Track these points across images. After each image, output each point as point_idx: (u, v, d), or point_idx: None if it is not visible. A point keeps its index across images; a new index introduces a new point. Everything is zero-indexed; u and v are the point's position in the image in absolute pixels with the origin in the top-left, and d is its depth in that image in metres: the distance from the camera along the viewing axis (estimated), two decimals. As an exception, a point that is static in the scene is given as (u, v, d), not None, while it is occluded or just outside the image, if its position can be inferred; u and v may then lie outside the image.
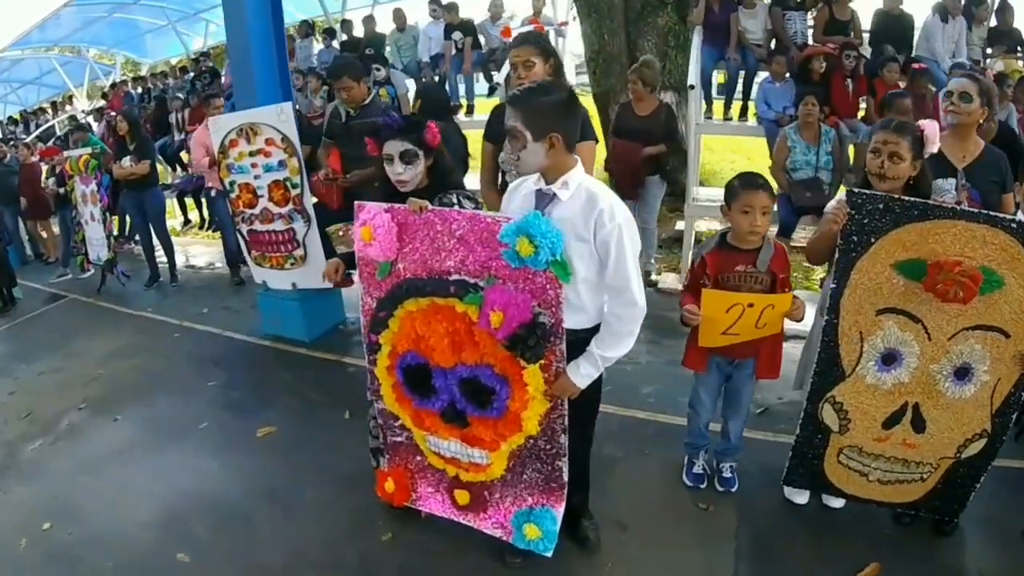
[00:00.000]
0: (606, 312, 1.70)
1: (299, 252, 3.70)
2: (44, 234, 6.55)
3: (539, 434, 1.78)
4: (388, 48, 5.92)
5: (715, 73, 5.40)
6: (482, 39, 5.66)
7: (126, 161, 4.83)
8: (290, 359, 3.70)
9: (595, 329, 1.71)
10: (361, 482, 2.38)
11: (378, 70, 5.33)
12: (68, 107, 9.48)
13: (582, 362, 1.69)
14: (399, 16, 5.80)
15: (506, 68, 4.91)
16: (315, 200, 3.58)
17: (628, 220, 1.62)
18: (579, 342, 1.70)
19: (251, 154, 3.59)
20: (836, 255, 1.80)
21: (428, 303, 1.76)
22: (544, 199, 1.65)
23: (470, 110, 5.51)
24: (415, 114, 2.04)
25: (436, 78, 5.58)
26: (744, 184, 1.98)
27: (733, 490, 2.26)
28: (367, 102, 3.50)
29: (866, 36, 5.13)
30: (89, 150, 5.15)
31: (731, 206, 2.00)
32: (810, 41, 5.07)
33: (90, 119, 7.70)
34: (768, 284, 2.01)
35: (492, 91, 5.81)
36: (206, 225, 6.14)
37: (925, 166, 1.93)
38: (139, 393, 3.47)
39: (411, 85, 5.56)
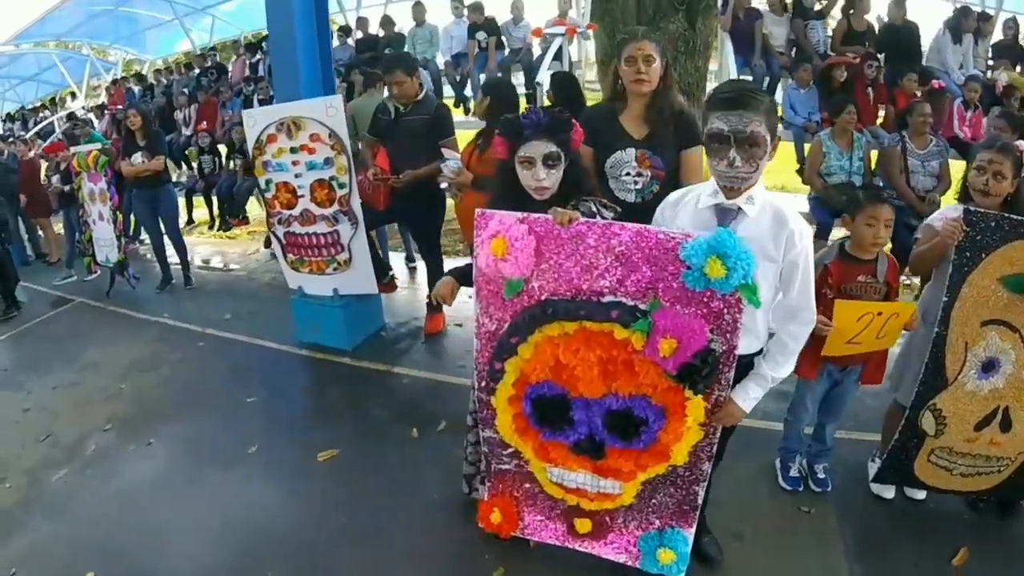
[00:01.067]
0: (779, 332, 1.53)
1: (343, 256, 3.32)
2: (42, 233, 5.93)
3: (685, 464, 1.61)
4: (405, 45, 5.50)
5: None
6: (504, 40, 5.30)
7: (137, 157, 4.33)
8: (335, 370, 3.32)
9: (757, 352, 1.56)
10: (451, 511, 2.11)
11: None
12: (68, 104, 8.69)
13: (751, 385, 1.52)
14: (419, 11, 5.38)
15: (544, 72, 4.59)
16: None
17: (811, 237, 1.47)
18: (741, 367, 1.51)
19: (292, 150, 3.18)
20: (949, 269, 1.78)
21: (577, 328, 1.49)
22: (727, 215, 1.42)
23: (495, 110, 5.13)
24: (553, 108, 1.65)
25: (457, 78, 5.21)
26: (870, 197, 1.94)
27: (828, 490, 2.19)
28: (419, 98, 3.14)
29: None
30: (99, 146, 4.62)
31: (855, 217, 1.95)
32: (829, 50, 5.09)
33: (90, 116, 7.02)
34: (883, 294, 1.97)
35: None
36: (216, 225, 5.63)
37: (1021, 184, 1.93)
38: (170, 411, 3.06)
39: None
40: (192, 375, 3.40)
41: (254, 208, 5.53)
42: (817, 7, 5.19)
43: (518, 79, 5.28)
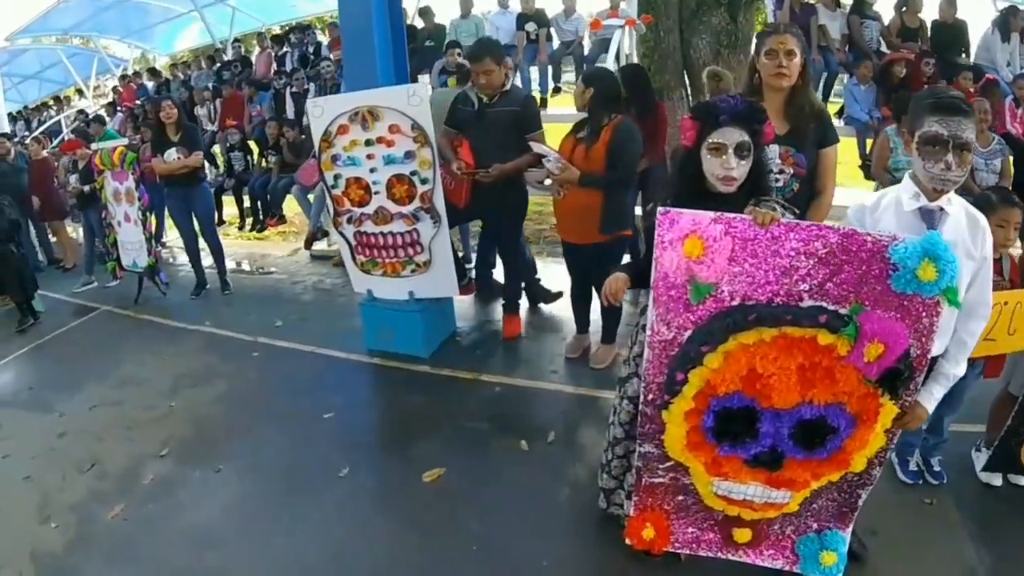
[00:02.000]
0: (959, 330, 1.49)
1: (422, 257, 2.93)
2: (55, 238, 5.38)
3: (862, 470, 1.53)
4: (447, 36, 5.11)
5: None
6: (553, 32, 4.94)
7: (172, 153, 3.86)
8: (416, 380, 2.92)
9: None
10: (587, 528, 1.89)
11: (459, 54, 4.54)
12: (74, 102, 8.04)
13: (934, 386, 1.50)
14: (466, 2, 4.98)
15: (611, 63, 4.25)
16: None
17: None
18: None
19: (367, 143, 2.78)
20: None
21: (776, 335, 1.37)
22: (932, 217, 1.41)
23: (543, 104, 4.79)
24: (750, 100, 1.53)
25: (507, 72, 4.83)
26: (1002, 200, 1.92)
27: (944, 482, 2.12)
28: (506, 88, 2.79)
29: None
30: (125, 141, 4.13)
31: (989, 218, 1.86)
32: (883, 47, 5.01)
33: (101, 113, 6.45)
34: None
35: (557, 91, 5.11)
36: (249, 225, 5.14)
37: None
38: (236, 431, 2.63)
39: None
40: (252, 389, 2.97)
41: (290, 206, 5.08)
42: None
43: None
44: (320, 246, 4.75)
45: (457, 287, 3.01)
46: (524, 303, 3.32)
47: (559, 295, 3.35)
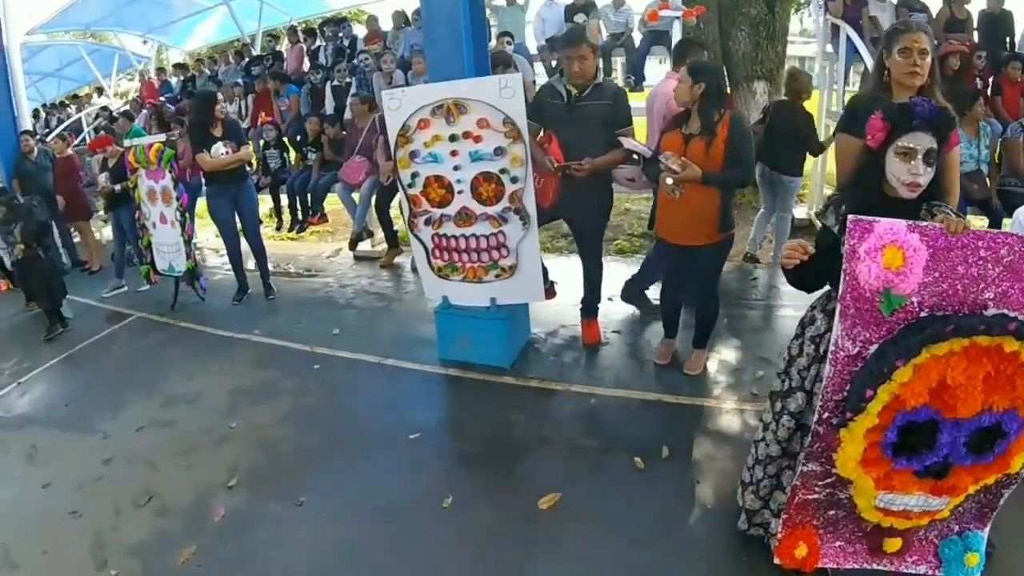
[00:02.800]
0: None
1: (508, 261, 2.62)
2: (80, 239, 5.00)
3: (1015, 471, 1.46)
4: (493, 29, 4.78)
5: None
6: (601, 24, 4.61)
7: (219, 148, 3.50)
8: (502, 393, 2.60)
9: None
10: (727, 551, 1.70)
11: (509, 43, 4.20)
12: (94, 99, 7.59)
13: None
14: (512, -10, 4.66)
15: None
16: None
17: None
18: None
19: (452, 138, 2.46)
20: None
21: (966, 344, 1.31)
22: None
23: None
24: (943, 106, 1.44)
25: (554, 63, 4.50)
26: None
27: None
28: (598, 81, 2.50)
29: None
30: (163, 137, 3.76)
31: None
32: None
33: (127, 109, 6.04)
34: None
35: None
36: (289, 225, 4.74)
37: None
38: (312, 457, 2.29)
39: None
40: (322, 407, 2.62)
41: (331, 204, 4.72)
42: None
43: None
44: (363, 247, 4.41)
45: (543, 292, 2.72)
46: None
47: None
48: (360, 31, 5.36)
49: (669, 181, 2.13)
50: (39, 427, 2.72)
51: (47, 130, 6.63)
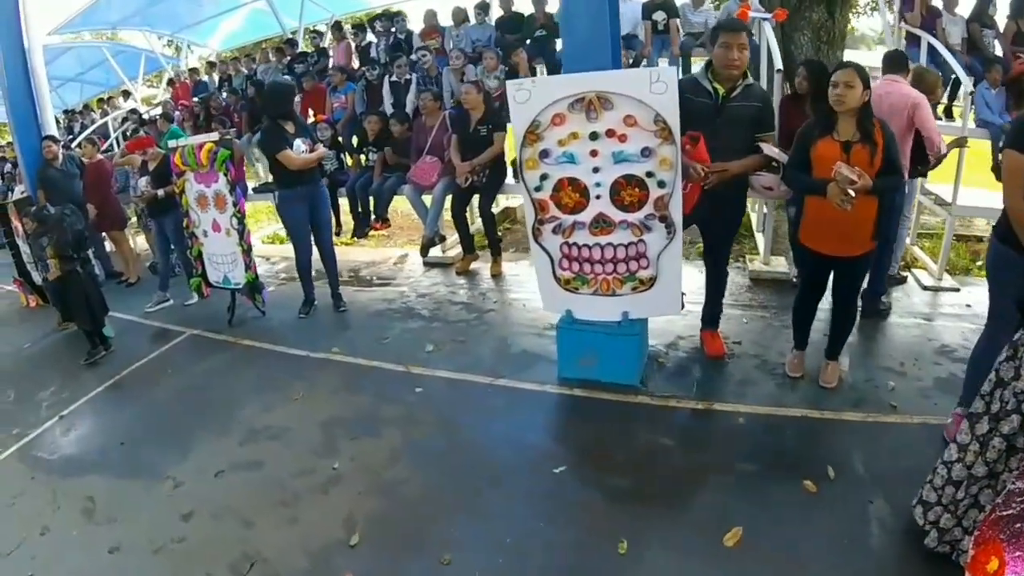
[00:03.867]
0: None
1: (647, 272, 2.26)
2: (114, 249, 4.51)
3: None
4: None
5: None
6: (679, 23, 4.25)
7: (299, 145, 3.06)
8: (642, 415, 2.24)
9: None
10: (918, 571, 1.55)
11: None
12: (120, 103, 7.04)
13: None
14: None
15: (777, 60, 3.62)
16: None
17: None
18: None
19: (592, 136, 2.08)
20: None
21: None
22: None
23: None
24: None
25: (631, 60, 4.12)
26: None
27: None
28: (748, 82, 2.20)
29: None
30: (215, 136, 3.30)
31: None
32: (998, 50, 4.70)
33: (162, 110, 5.55)
34: None
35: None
36: (351, 231, 4.27)
37: None
38: (445, 502, 1.88)
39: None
40: (438, 439, 2.21)
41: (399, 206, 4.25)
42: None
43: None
44: (434, 252, 3.96)
45: (679, 304, 2.36)
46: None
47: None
48: (414, 25, 4.94)
49: (851, 192, 1.84)
50: (93, 473, 2.27)
51: (70, 136, 6.10)
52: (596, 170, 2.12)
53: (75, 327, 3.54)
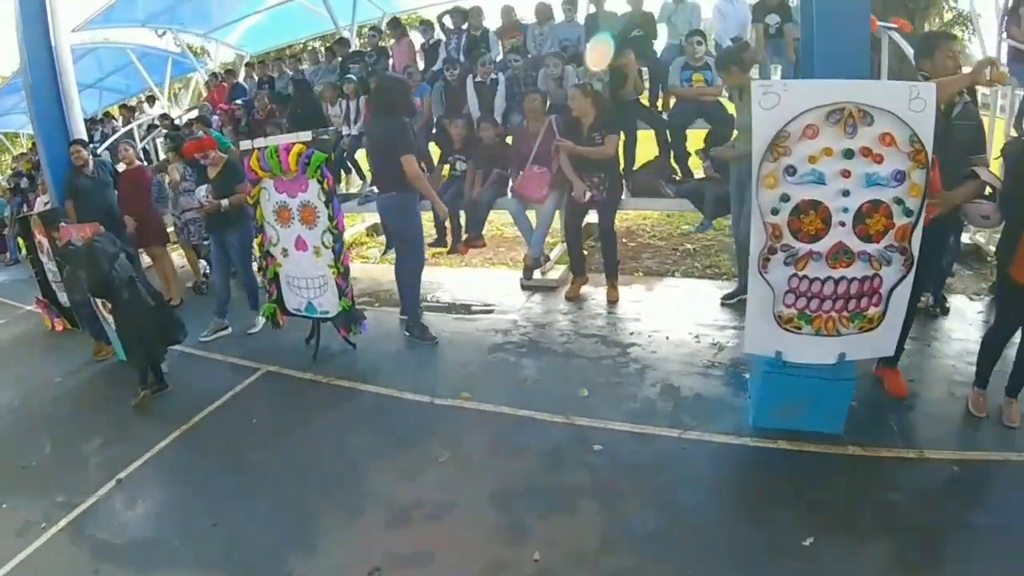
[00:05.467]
0: None
1: (876, 310, 1.92)
2: (154, 267, 3.91)
3: None
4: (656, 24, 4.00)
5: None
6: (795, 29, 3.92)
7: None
8: (861, 469, 1.89)
9: None
10: None
11: (700, 44, 3.47)
12: (146, 110, 6.32)
13: None
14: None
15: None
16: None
17: None
18: None
19: (846, 154, 1.73)
20: None
21: None
22: None
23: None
24: None
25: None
26: None
27: None
28: (967, 99, 2.02)
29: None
30: (307, 135, 2.81)
31: None
32: None
33: (203, 114, 4.92)
34: None
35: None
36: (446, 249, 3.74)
37: None
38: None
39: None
40: (649, 513, 1.75)
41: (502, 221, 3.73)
42: None
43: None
44: (535, 274, 3.48)
45: (895, 343, 2.03)
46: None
47: None
48: (491, 23, 4.49)
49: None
50: (182, 568, 1.71)
51: (93, 145, 5.45)
52: (845, 193, 1.75)
53: (113, 356, 3.01)
